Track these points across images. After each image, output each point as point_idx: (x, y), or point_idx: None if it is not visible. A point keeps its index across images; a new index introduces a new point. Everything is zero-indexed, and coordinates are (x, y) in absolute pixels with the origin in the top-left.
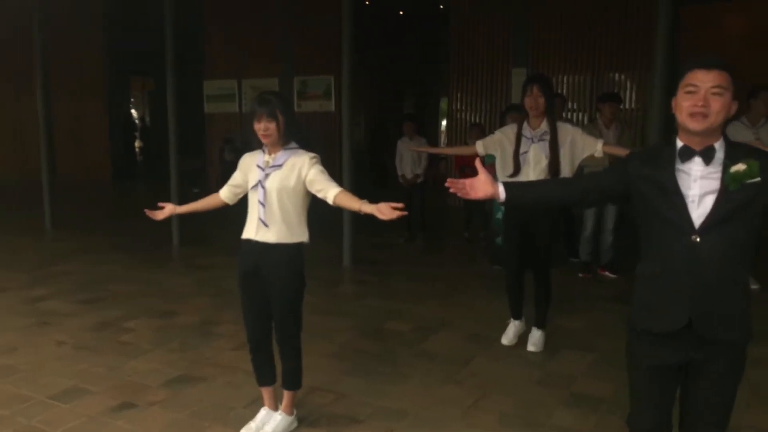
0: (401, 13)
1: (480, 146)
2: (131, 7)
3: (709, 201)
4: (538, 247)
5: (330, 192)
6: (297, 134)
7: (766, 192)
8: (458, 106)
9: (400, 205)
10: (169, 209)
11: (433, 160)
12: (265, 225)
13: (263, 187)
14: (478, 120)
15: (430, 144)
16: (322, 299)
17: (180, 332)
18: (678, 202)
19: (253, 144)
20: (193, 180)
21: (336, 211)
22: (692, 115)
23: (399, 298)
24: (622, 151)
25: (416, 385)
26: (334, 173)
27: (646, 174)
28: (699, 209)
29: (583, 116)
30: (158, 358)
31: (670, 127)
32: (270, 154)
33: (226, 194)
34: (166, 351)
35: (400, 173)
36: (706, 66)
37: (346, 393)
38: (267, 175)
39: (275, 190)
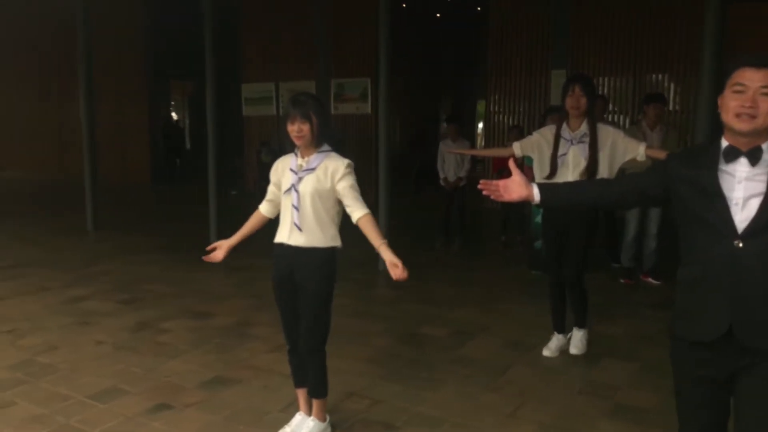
0: (438, 15)
1: (517, 147)
2: (171, 11)
3: (755, 204)
4: (572, 248)
5: (355, 213)
6: (331, 137)
7: None
8: (495, 108)
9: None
10: (224, 247)
11: (473, 162)
12: (299, 229)
13: (297, 191)
14: (515, 122)
15: (471, 146)
16: (358, 302)
17: (217, 333)
18: (720, 204)
19: (287, 146)
20: (232, 182)
21: (372, 213)
22: (739, 115)
23: (435, 303)
24: (665, 155)
25: (453, 392)
26: (371, 176)
27: (687, 175)
28: (743, 213)
29: (624, 118)
30: (195, 359)
31: (718, 128)
32: (303, 157)
33: (266, 209)
34: (203, 352)
35: (442, 176)
36: (756, 64)
37: (381, 398)
38: (300, 179)
39: (308, 194)
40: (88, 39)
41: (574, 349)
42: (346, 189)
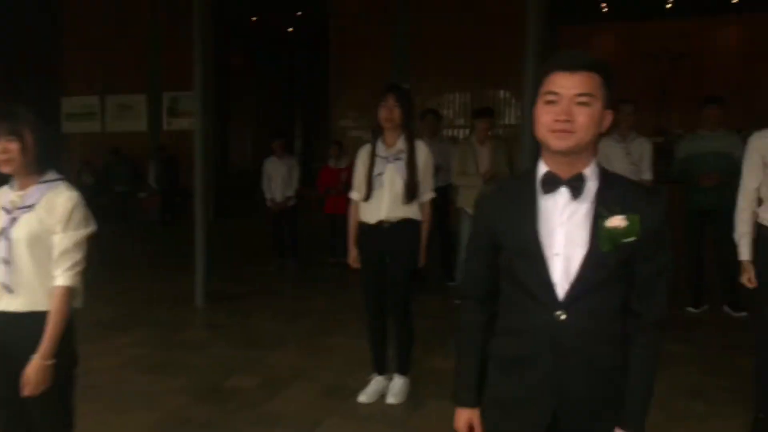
0: (290, 30)
1: (354, 194)
2: None
3: (578, 258)
4: (393, 281)
5: (56, 279)
6: (52, 162)
7: (640, 256)
8: (343, 124)
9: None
10: None
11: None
12: (9, 290)
13: (8, 238)
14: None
15: (300, 163)
16: (157, 351)
17: None
18: (539, 263)
19: (113, 166)
20: None
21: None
22: (553, 131)
23: (255, 344)
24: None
25: None
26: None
27: (501, 221)
28: (564, 271)
29: (467, 133)
30: None
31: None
32: (20, 189)
33: None
34: None
35: (268, 196)
36: (569, 68)
37: None
38: (14, 220)
39: (24, 241)
40: None
41: (392, 398)
42: (64, 241)
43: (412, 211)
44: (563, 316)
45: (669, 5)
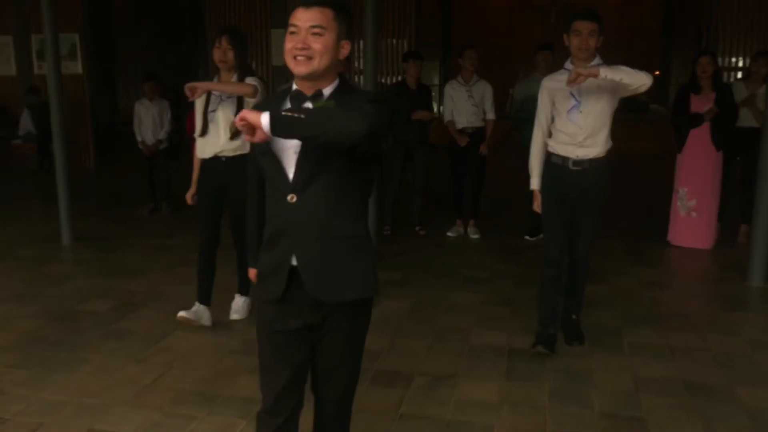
0: None
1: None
2: None
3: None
4: (234, 213)
5: None
6: None
7: None
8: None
9: None
10: None
11: (174, 124)
12: None
13: None
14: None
15: (172, 106)
16: (15, 283)
17: None
18: (273, 158)
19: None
20: None
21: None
22: (294, 57)
23: (113, 275)
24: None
25: (91, 370)
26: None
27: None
28: (293, 166)
29: None
30: None
31: None
32: None
33: None
34: None
35: (139, 138)
36: (305, 4)
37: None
38: None
39: None
40: None
41: (235, 314)
42: None
43: (245, 147)
44: (294, 198)
45: None
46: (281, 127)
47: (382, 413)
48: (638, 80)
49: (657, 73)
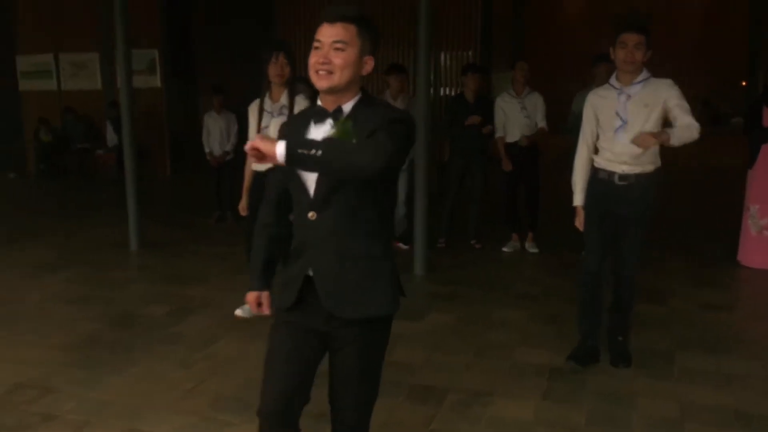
0: None
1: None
2: None
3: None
4: None
5: None
6: None
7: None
8: None
9: None
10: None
11: (239, 137)
12: None
13: None
14: None
15: (238, 118)
16: (81, 288)
17: None
18: (295, 175)
19: (68, 125)
20: (9, 164)
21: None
22: (316, 72)
23: (174, 281)
24: None
25: (139, 373)
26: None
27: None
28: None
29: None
30: None
31: None
32: None
33: None
34: None
35: (207, 150)
36: (329, 19)
37: (54, 387)
38: None
39: None
40: None
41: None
42: None
43: None
44: (314, 216)
45: None
46: (296, 163)
47: (411, 428)
48: (691, 137)
49: (744, 84)
